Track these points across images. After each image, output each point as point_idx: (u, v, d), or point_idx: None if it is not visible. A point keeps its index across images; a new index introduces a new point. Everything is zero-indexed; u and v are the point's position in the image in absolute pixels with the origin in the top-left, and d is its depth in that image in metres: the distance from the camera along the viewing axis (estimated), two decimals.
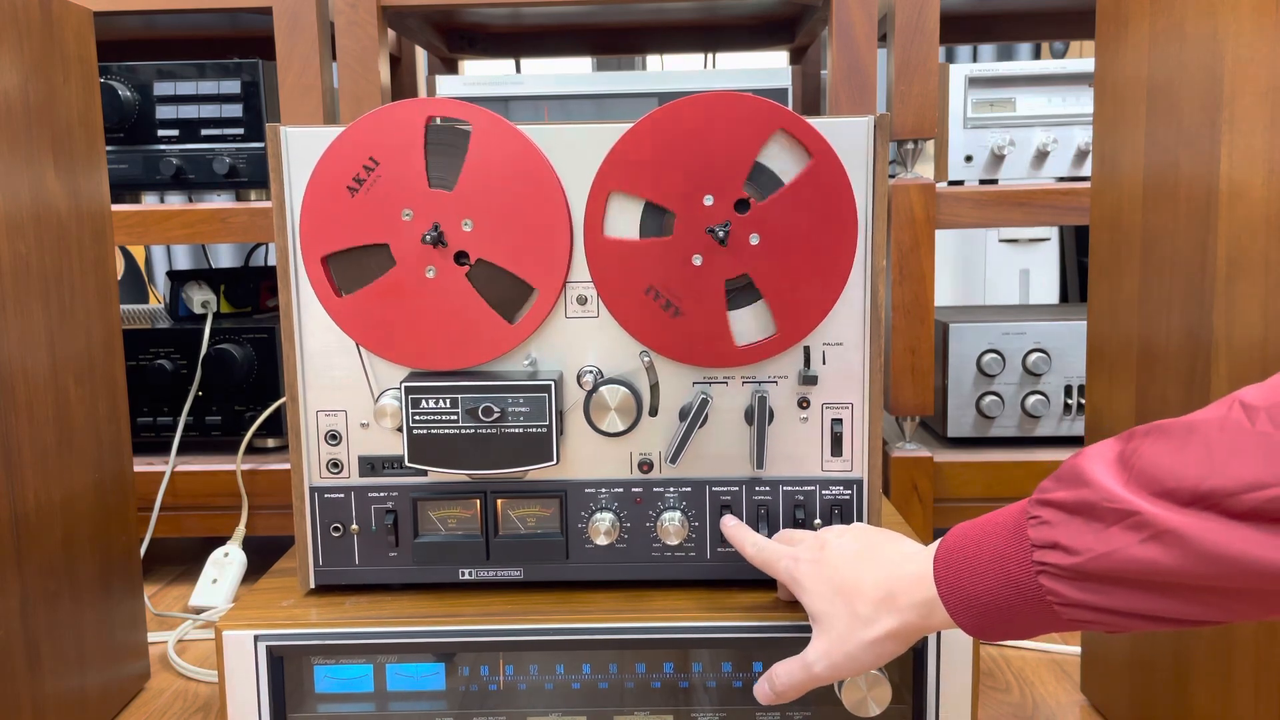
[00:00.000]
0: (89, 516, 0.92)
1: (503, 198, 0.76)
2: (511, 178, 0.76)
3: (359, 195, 0.76)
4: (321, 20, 1.29)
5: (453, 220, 0.76)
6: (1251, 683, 0.72)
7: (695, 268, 0.76)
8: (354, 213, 0.77)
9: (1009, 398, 1.30)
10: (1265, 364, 0.69)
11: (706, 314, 0.77)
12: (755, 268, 0.76)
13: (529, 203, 0.76)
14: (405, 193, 0.76)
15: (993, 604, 0.58)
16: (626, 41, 1.77)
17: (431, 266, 0.77)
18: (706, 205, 0.75)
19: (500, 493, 0.81)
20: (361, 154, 0.76)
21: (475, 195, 0.76)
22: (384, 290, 0.77)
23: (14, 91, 0.82)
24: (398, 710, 0.78)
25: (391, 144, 0.76)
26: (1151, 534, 0.51)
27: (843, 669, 0.66)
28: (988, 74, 1.31)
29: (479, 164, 0.76)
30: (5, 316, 0.81)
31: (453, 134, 0.76)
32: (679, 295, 0.77)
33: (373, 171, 0.76)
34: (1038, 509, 0.56)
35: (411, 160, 0.76)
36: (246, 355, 1.33)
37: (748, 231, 0.76)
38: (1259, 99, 0.68)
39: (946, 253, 2.49)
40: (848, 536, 0.70)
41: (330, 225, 0.77)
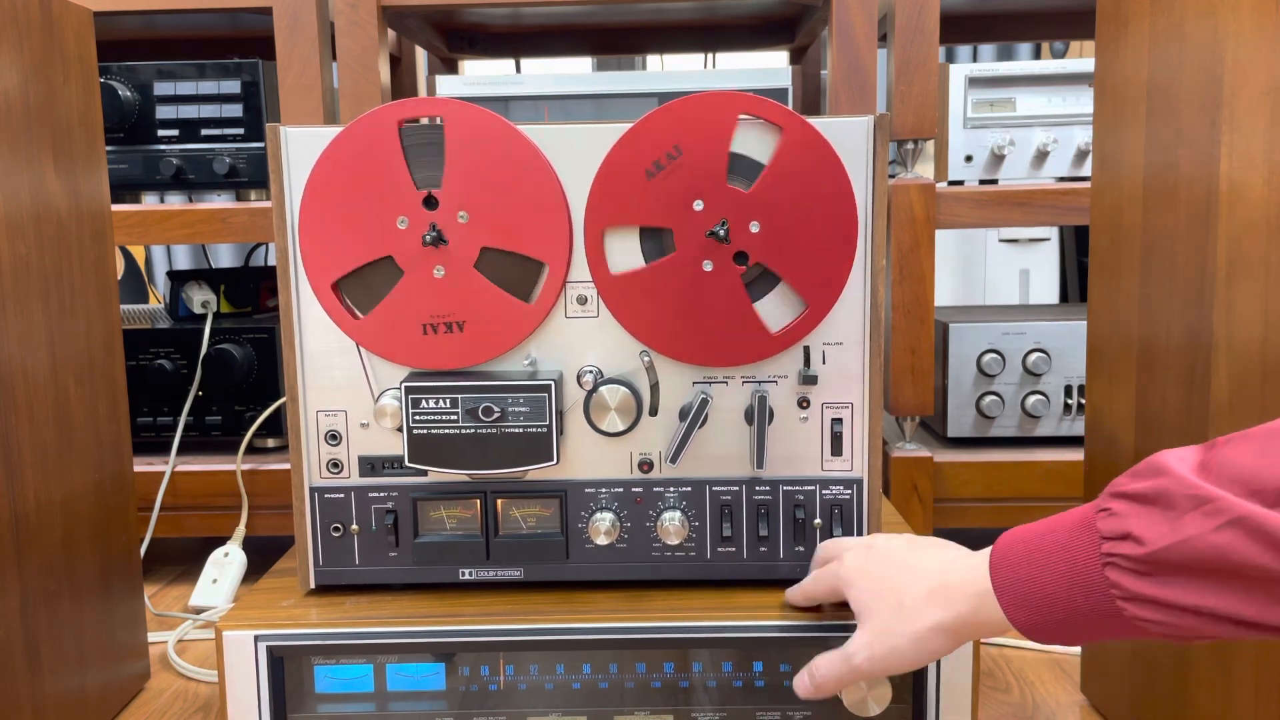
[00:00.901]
0: (89, 516, 0.92)
1: (489, 180, 0.76)
2: (495, 161, 0.76)
3: (351, 214, 0.76)
4: (321, 20, 1.29)
5: (448, 216, 0.76)
6: (1251, 683, 0.72)
7: (708, 273, 0.76)
8: (350, 232, 0.77)
9: (1009, 398, 1.30)
10: (1265, 364, 0.69)
11: (734, 312, 0.77)
12: (764, 253, 0.76)
13: (516, 178, 0.76)
14: (395, 201, 0.76)
15: (1051, 600, 0.55)
16: (626, 41, 1.77)
17: (439, 266, 0.77)
18: (698, 210, 0.75)
19: (500, 493, 0.81)
20: (344, 173, 0.76)
21: (463, 186, 0.76)
22: (399, 301, 0.77)
23: (14, 91, 0.82)
24: (398, 710, 0.78)
25: (371, 155, 0.76)
26: (1229, 519, 0.49)
27: (885, 662, 0.63)
28: (988, 74, 1.31)
29: (459, 154, 0.76)
30: (5, 316, 0.81)
31: (428, 131, 0.76)
32: (703, 303, 0.77)
33: (359, 186, 0.76)
34: (1109, 501, 0.54)
35: (393, 167, 0.76)
36: (246, 355, 1.33)
37: (746, 221, 0.76)
38: (1259, 99, 0.68)
39: (946, 253, 2.49)
40: (898, 538, 0.69)
41: (331, 249, 0.77)
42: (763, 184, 0.75)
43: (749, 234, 0.76)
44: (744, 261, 0.76)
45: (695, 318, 0.77)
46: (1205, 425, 0.73)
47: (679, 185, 0.75)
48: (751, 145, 0.76)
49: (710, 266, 0.76)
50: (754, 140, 0.76)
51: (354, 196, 0.76)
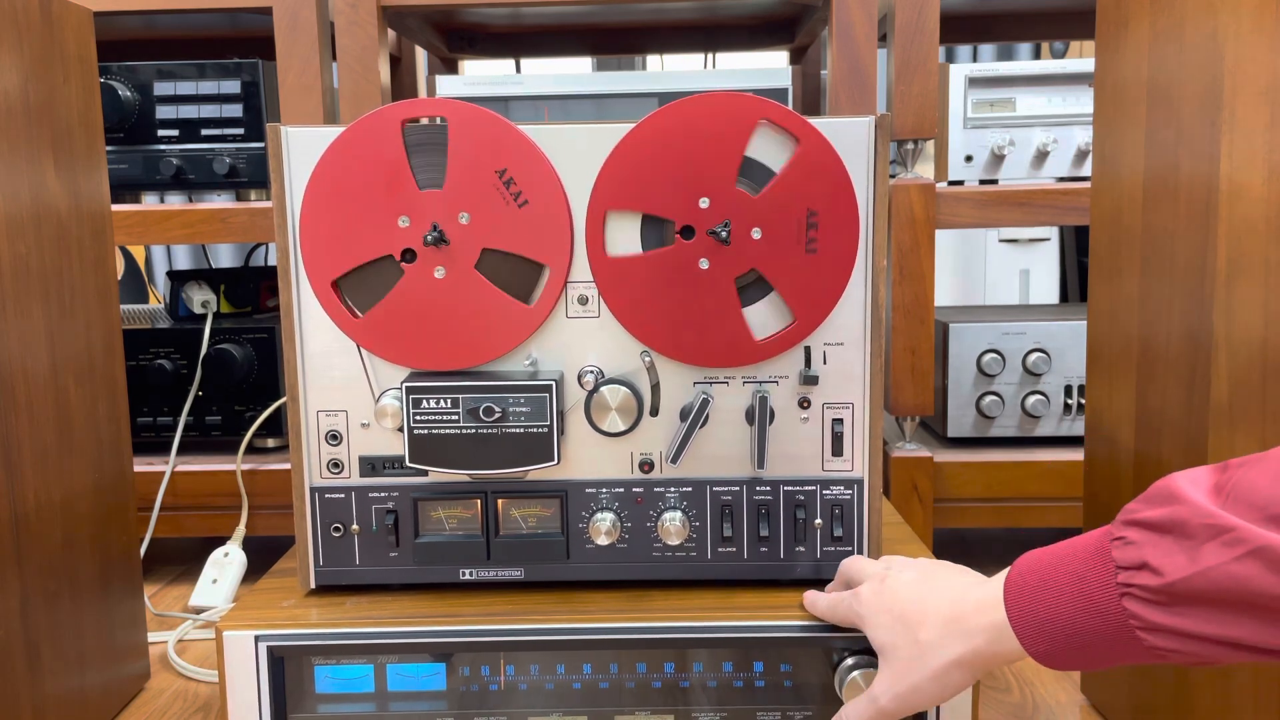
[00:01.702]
0: (89, 516, 0.92)
1: (494, 183, 0.76)
2: (497, 160, 0.76)
3: (352, 212, 0.76)
4: (321, 20, 1.29)
5: (450, 217, 0.76)
6: (1251, 683, 0.72)
7: (703, 271, 0.76)
8: (352, 231, 0.77)
9: (1009, 398, 1.30)
10: (1265, 364, 0.69)
11: (722, 314, 0.77)
12: (762, 261, 0.76)
13: (519, 180, 0.76)
14: (398, 200, 0.76)
15: (1068, 630, 0.55)
16: (626, 41, 1.77)
17: (440, 267, 0.77)
18: (703, 208, 0.75)
19: (501, 493, 0.81)
20: (346, 173, 0.76)
21: (466, 187, 0.76)
22: (399, 300, 0.77)
23: (14, 91, 0.82)
24: (398, 710, 0.78)
25: (374, 156, 0.76)
26: (1249, 550, 0.48)
27: (910, 702, 0.63)
28: (988, 74, 1.31)
29: (462, 155, 0.76)
30: (5, 316, 0.81)
31: (430, 131, 0.76)
32: (696, 302, 0.77)
33: (361, 185, 0.76)
34: (1124, 529, 0.54)
35: (396, 167, 0.76)
36: (246, 355, 1.33)
37: (749, 227, 0.76)
38: (1259, 99, 0.68)
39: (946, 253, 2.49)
40: (910, 569, 0.69)
41: (332, 248, 0.77)
42: (770, 192, 0.75)
43: (750, 239, 0.76)
44: (741, 265, 0.76)
45: (683, 313, 0.77)
46: (1205, 425, 0.73)
47: (689, 179, 0.75)
48: (766, 152, 0.76)
49: (706, 265, 0.76)
50: (769, 147, 0.76)
51: (356, 195, 0.76)
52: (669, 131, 0.75)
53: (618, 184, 0.76)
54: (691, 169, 0.75)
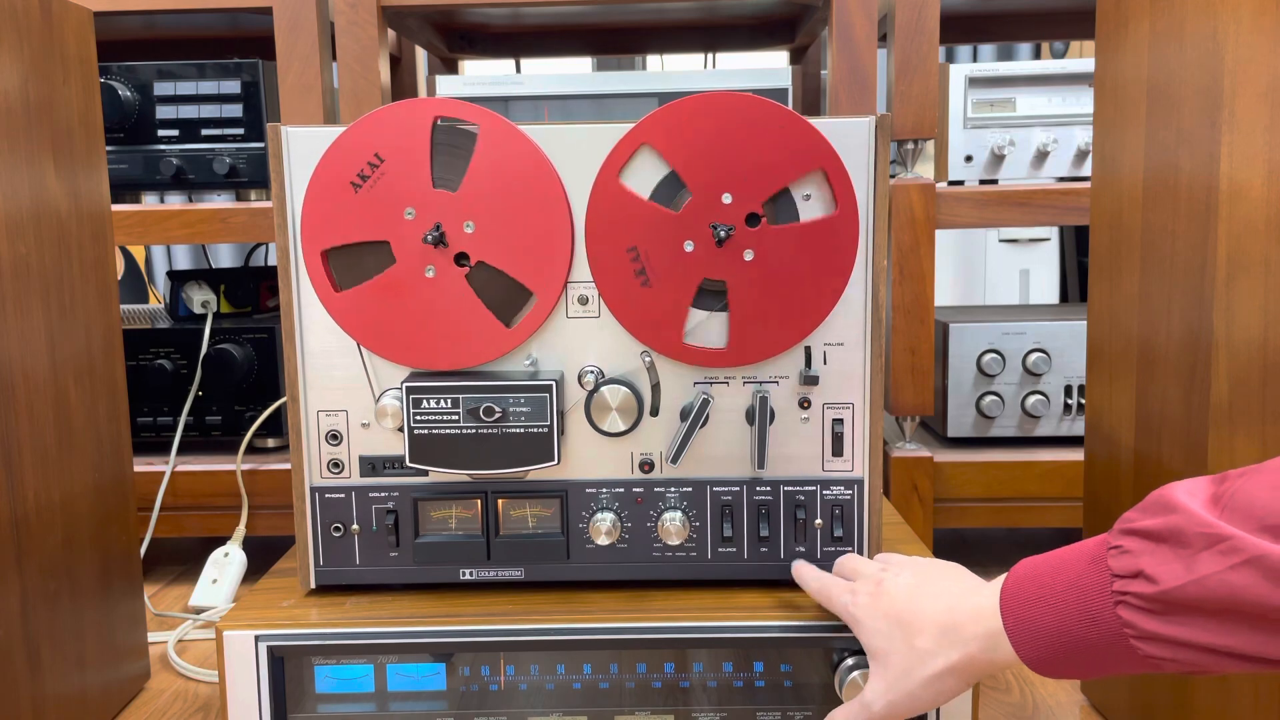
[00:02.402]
0: (89, 516, 0.92)
1: (506, 201, 0.76)
2: (516, 181, 0.76)
3: (362, 191, 0.76)
4: (321, 20, 1.29)
5: (455, 221, 0.76)
6: (1251, 683, 0.72)
7: (684, 252, 0.76)
8: (356, 209, 0.77)
9: (1009, 398, 1.30)
10: (1265, 364, 0.69)
11: (671, 298, 0.77)
12: (736, 281, 0.76)
13: (532, 206, 0.76)
14: (409, 191, 0.76)
15: (1063, 638, 0.55)
16: (626, 41, 1.77)
17: (431, 266, 0.77)
18: (725, 203, 0.75)
19: (501, 493, 0.81)
20: (367, 151, 0.76)
21: (479, 197, 0.76)
22: (382, 287, 0.77)
23: (14, 91, 0.82)
24: (398, 710, 0.78)
25: (397, 142, 0.76)
26: (1244, 559, 0.48)
27: (902, 707, 0.63)
28: (988, 74, 1.31)
29: (484, 166, 0.76)
30: (5, 316, 0.81)
31: (459, 135, 0.76)
32: (656, 269, 0.76)
33: (377, 169, 0.76)
34: (1120, 538, 0.54)
35: (417, 159, 0.76)
36: (246, 355, 1.33)
37: (745, 246, 0.76)
38: (1259, 99, 0.68)
39: (946, 253, 2.49)
40: (906, 571, 0.68)
41: (332, 220, 0.77)
42: (786, 230, 0.76)
43: (740, 257, 0.76)
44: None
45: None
46: (1205, 425, 0.73)
47: (727, 171, 0.75)
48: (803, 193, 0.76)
49: (691, 248, 0.76)
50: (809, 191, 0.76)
51: (371, 175, 0.76)
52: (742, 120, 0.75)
53: (672, 129, 0.75)
54: (736, 164, 0.75)
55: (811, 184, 0.76)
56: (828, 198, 0.76)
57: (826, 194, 0.76)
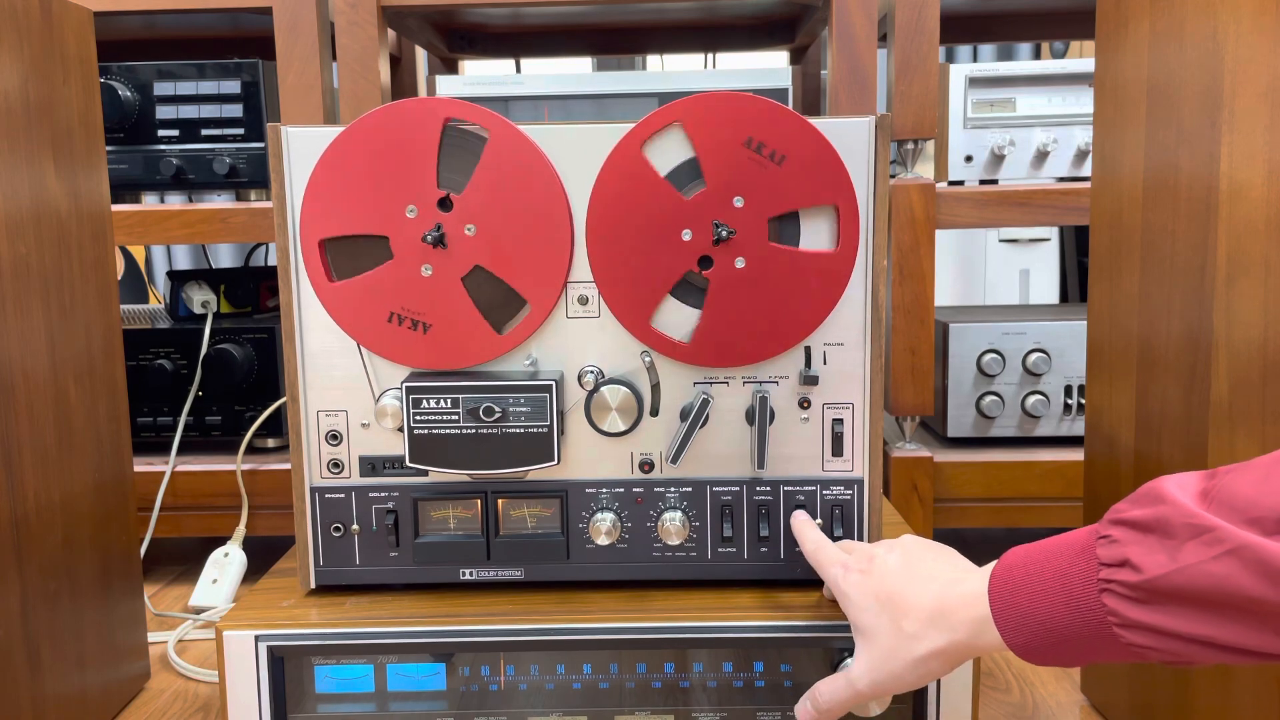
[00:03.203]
0: (89, 516, 0.92)
1: (509, 208, 0.76)
2: (520, 189, 0.76)
3: (366, 185, 0.76)
4: (321, 20, 1.29)
5: (456, 223, 0.76)
6: (1251, 683, 0.72)
7: (680, 239, 0.76)
8: (359, 201, 0.76)
9: (1009, 398, 1.30)
10: (1265, 364, 0.69)
11: (651, 282, 0.77)
12: (719, 284, 0.76)
13: (534, 215, 0.76)
14: (413, 189, 0.76)
15: (1048, 625, 0.56)
16: (626, 41, 1.77)
17: (428, 265, 0.77)
18: (736, 206, 0.75)
19: (501, 493, 0.81)
20: (375, 146, 0.76)
21: (482, 202, 0.76)
22: (377, 282, 0.77)
23: (14, 91, 0.82)
24: (398, 710, 0.78)
25: (406, 139, 0.76)
26: (1228, 549, 0.49)
27: (886, 687, 0.64)
28: (988, 74, 1.31)
29: (490, 171, 0.76)
30: (5, 316, 0.81)
31: (468, 138, 0.76)
32: (645, 250, 0.76)
33: (384, 164, 0.76)
34: (1109, 528, 0.54)
35: (424, 158, 0.76)
36: (246, 355, 1.33)
37: (739, 253, 0.76)
38: (1259, 99, 0.68)
39: (946, 253, 2.49)
40: (896, 551, 0.69)
41: (333, 210, 0.77)
42: (783, 252, 0.76)
43: (732, 263, 0.76)
44: (705, 266, 0.76)
45: (632, 251, 0.77)
46: (1205, 425, 0.73)
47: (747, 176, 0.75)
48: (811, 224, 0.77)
49: (688, 236, 0.76)
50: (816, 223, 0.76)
51: (376, 169, 0.76)
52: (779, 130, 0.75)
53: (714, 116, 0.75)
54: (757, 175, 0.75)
55: (822, 217, 0.77)
56: (833, 234, 0.77)
57: (833, 230, 0.77)
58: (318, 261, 0.78)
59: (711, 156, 0.75)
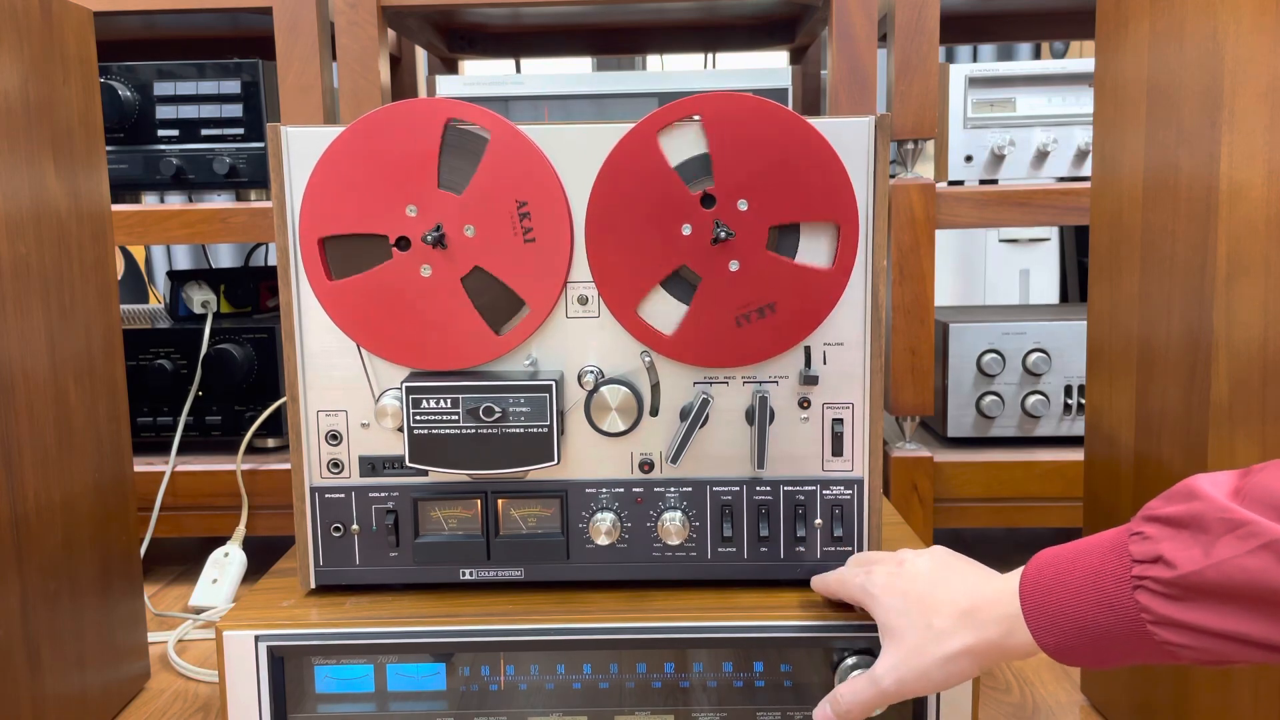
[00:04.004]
0: (89, 516, 0.92)
1: (509, 209, 0.76)
2: (521, 191, 0.76)
3: (367, 184, 0.76)
4: (321, 20, 1.29)
5: (456, 223, 0.76)
6: (1251, 683, 0.72)
7: (679, 232, 0.76)
8: (359, 200, 0.76)
9: (1009, 398, 1.30)
10: (1265, 364, 0.69)
11: (644, 270, 0.77)
12: (710, 283, 0.76)
13: (535, 217, 0.76)
14: (414, 189, 0.76)
15: (1080, 623, 0.55)
16: (626, 41, 1.77)
17: (427, 265, 0.77)
18: (740, 210, 0.75)
19: (501, 493, 0.81)
20: (377, 145, 0.76)
21: (483, 203, 0.76)
22: (376, 281, 0.77)
23: (14, 91, 0.82)
24: (398, 710, 0.78)
25: (407, 139, 0.76)
26: (1263, 544, 0.49)
27: (912, 686, 0.63)
28: (988, 74, 1.31)
29: (491, 173, 0.76)
30: (5, 316, 0.81)
31: (470, 139, 0.76)
32: (642, 237, 0.76)
33: (385, 163, 0.76)
34: (1142, 525, 0.54)
35: (425, 158, 0.76)
36: (246, 355, 1.33)
37: (737, 255, 0.76)
38: (1259, 99, 0.68)
39: (946, 253, 2.49)
40: (925, 556, 0.69)
41: (333, 208, 0.77)
42: (781, 262, 0.76)
43: (726, 267, 0.76)
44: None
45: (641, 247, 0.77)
46: (1205, 425, 0.73)
47: (741, 180, 0.75)
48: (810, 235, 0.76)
49: (689, 231, 0.76)
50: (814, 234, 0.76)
51: (377, 169, 0.76)
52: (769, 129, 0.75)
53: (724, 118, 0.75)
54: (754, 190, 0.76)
55: (822, 233, 0.77)
56: (830, 252, 0.77)
57: (831, 248, 0.77)
58: (317, 260, 0.78)
59: (724, 155, 0.75)
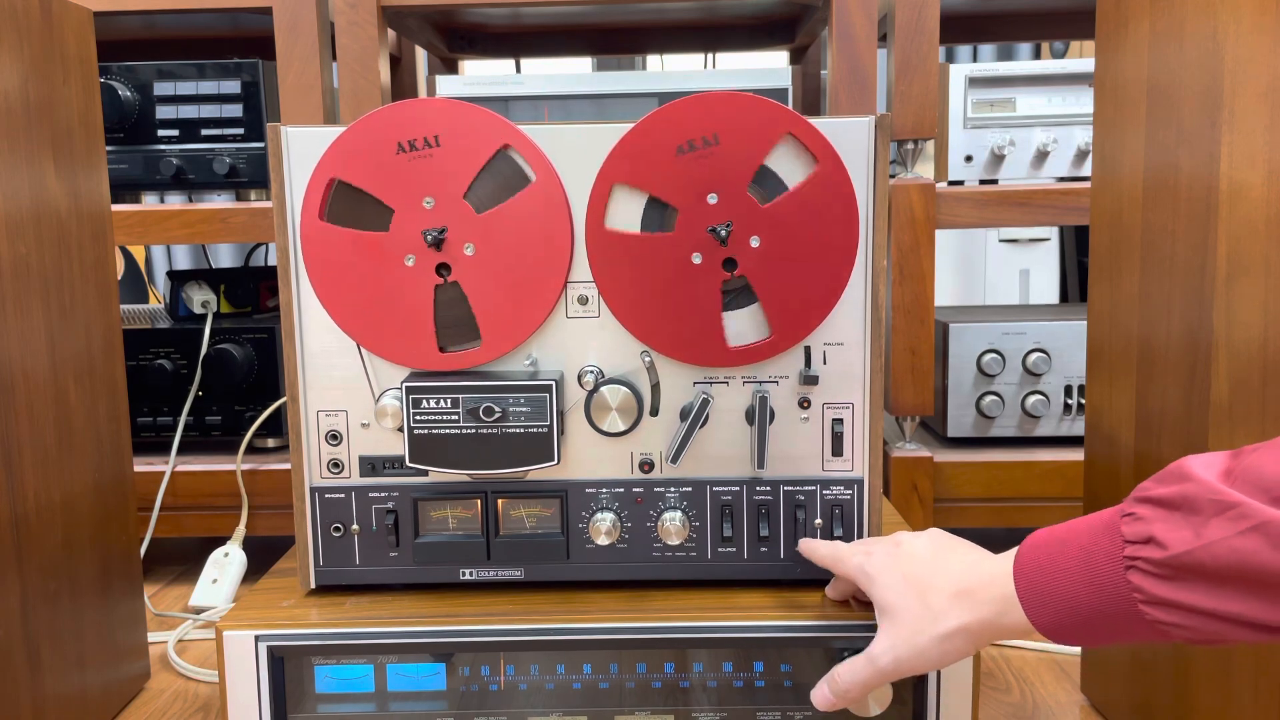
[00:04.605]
0: (89, 516, 0.92)
1: (515, 251, 0.77)
2: (532, 240, 0.76)
3: (402, 157, 0.76)
4: (321, 20, 1.29)
5: (461, 236, 0.76)
6: (1251, 683, 0.72)
7: (694, 266, 0.76)
8: (389, 166, 0.76)
9: (1009, 398, 1.30)
10: (1265, 364, 0.69)
11: (702, 312, 0.77)
12: (754, 270, 0.76)
13: (533, 266, 0.77)
14: (441, 186, 0.76)
15: (1073, 603, 0.56)
16: (626, 41, 1.77)
17: (413, 256, 0.77)
18: (710, 203, 0.75)
19: (501, 493, 0.81)
20: (431, 128, 0.76)
21: (495, 233, 0.76)
22: (360, 242, 0.77)
23: (14, 91, 0.82)
24: (398, 710, 0.78)
25: (461, 140, 0.76)
26: (1253, 525, 0.49)
27: (909, 664, 0.63)
28: (988, 74, 1.31)
29: (516, 213, 0.76)
30: (5, 316, 0.81)
31: (515, 173, 0.76)
32: (678, 292, 0.77)
33: (430, 148, 0.76)
34: (1134, 506, 0.55)
35: (467, 166, 0.76)
36: (246, 355, 1.33)
37: (749, 233, 0.76)
38: (1259, 99, 0.68)
39: (946, 253, 2.49)
40: (923, 538, 0.69)
41: (361, 160, 0.76)
42: (779, 205, 0.76)
43: (748, 246, 0.76)
44: (731, 269, 0.76)
45: (662, 300, 0.77)
46: (1205, 425, 0.73)
47: (702, 172, 0.75)
48: (783, 164, 0.76)
49: (699, 260, 0.76)
50: (788, 160, 0.76)
51: (421, 149, 0.76)
52: (694, 121, 0.75)
53: (633, 159, 0.75)
54: (707, 164, 0.75)
55: (783, 149, 0.76)
56: (805, 157, 0.76)
57: (804, 155, 0.76)
58: (319, 195, 0.77)
59: (660, 185, 0.76)
